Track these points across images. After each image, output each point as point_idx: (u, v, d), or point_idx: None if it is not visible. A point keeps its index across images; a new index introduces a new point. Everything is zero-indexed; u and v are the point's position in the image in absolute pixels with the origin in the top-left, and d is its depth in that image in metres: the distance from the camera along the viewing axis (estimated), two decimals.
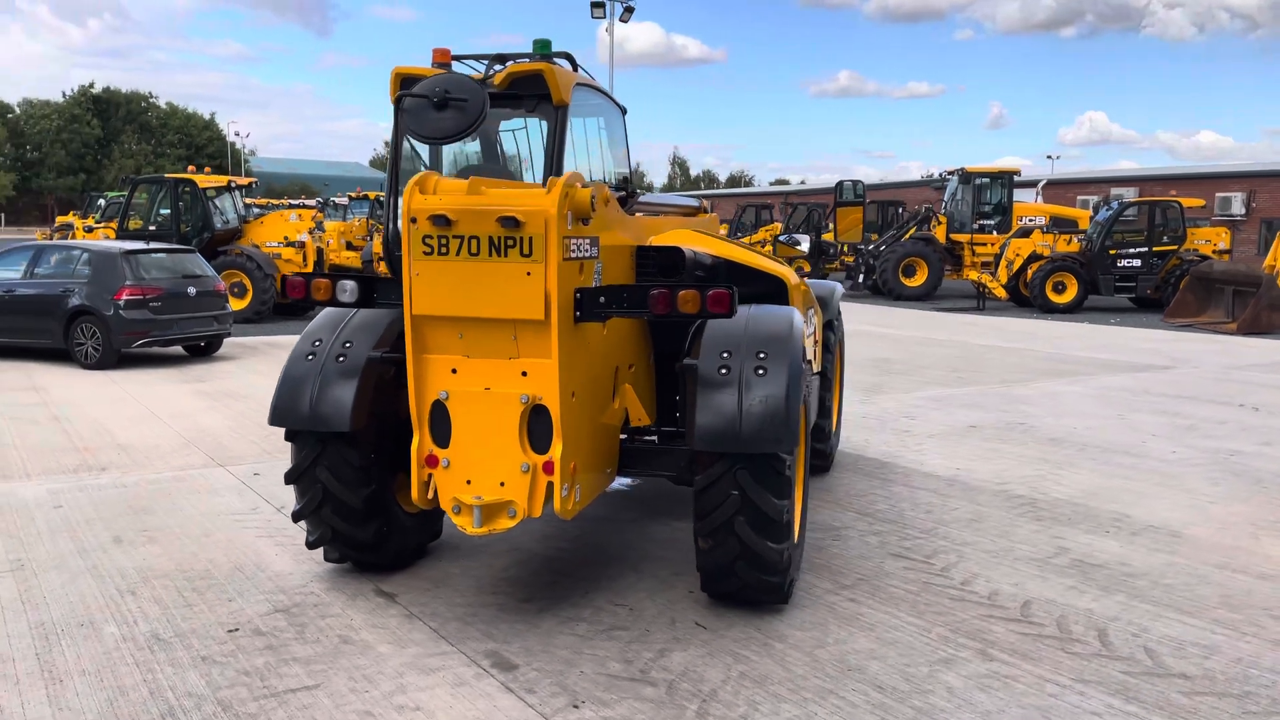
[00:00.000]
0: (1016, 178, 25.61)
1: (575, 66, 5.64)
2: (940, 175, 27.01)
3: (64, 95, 62.72)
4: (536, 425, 4.03)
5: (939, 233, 25.07)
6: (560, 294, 3.86)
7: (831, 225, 8.05)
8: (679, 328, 4.89)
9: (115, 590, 4.70)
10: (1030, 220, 25.05)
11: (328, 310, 4.80)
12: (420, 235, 3.92)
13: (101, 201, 33.27)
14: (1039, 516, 6.08)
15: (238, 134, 58.08)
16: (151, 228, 17.35)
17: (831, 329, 6.80)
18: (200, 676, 3.83)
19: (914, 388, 10.94)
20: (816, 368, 5.99)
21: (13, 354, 12.48)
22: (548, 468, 3.99)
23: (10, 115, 65.66)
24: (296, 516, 4.68)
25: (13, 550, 5.25)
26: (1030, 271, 21.42)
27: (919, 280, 24.18)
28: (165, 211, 17.51)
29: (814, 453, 6.75)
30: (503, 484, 4.02)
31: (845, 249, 27.42)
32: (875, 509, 6.20)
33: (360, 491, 4.55)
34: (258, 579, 4.88)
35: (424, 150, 5.50)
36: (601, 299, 4.04)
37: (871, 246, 25.40)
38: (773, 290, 5.18)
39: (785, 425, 4.12)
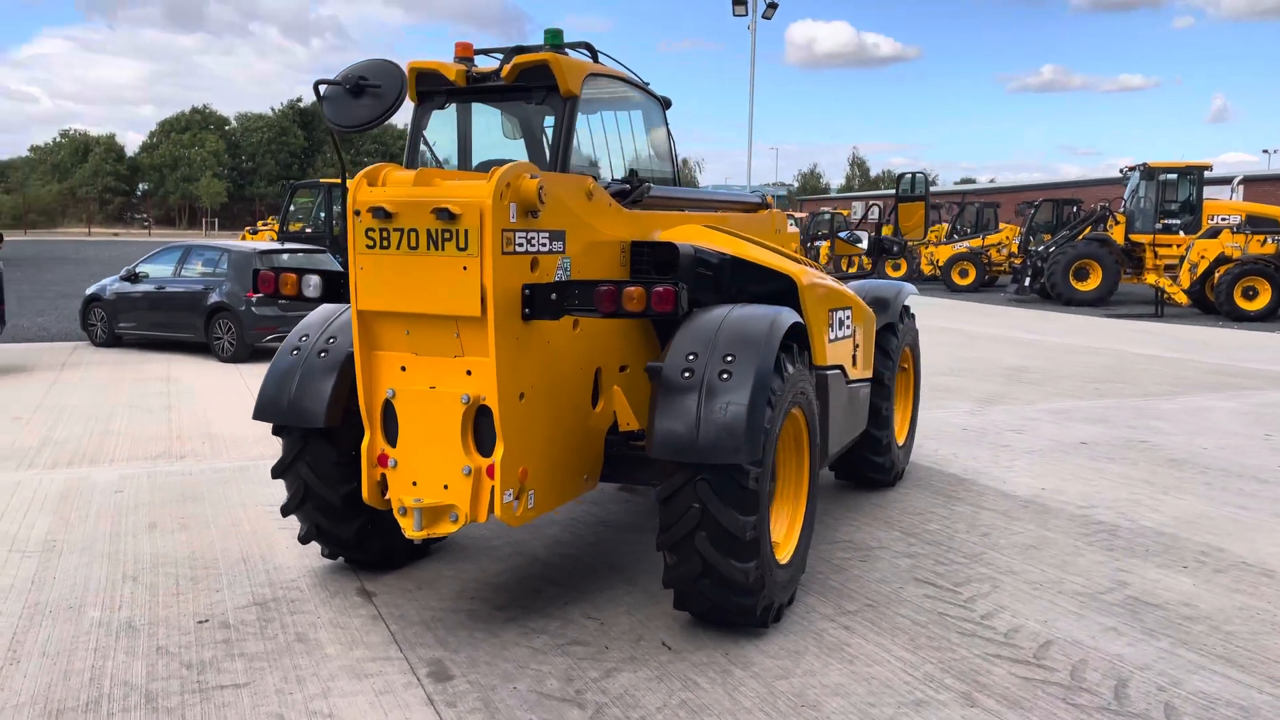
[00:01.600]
0: (1207, 173, 23.54)
1: (595, 56, 5.45)
2: (1121, 171, 25.14)
3: (272, 110, 67.83)
4: (482, 426, 3.86)
5: (1116, 233, 23.35)
6: (500, 290, 3.68)
7: (893, 221, 7.49)
8: None
9: (120, 575, 4.84)
10: (1222, 219, 22.96)
11: (323, 306, 4.79)
12: (363, 228, 3.83)
13: (293, 207, 35.43)
14: (1111, 546, 5.44)
15: (432, 144, 60.53)
16: (309, 229, 18.25)
17: (894, 332, 6.32)
18: (145, 667, 3.86)
19: (1039, 399, 10.14)
20: (856, 373, 5.56)
21: (165, 347, 13.33)
22: (491, 471, 3.81)
23: (228, 128, 71.67)
24: (284, 511, 4.69)
25: (55, 531, 5.51)
26: (1217, 275, 19.64)
27: (1092, 284, 22.60)
28: (323, 214, 18.38)
29: (870, 465, 6.31)
30: (446, 487, 3.87)
31: (1011, 253, 25.98)
32: (924, 529, 5.70)
33: (340, 488, 4.50)
34: (255, 570, 4.92)
35: (445, 147, 5.44)
36: (553, 295, 3.83)
37: (1041, 248, 23.96)
38: (783, 289, 4.82)
39: (746, 434, 3.79)
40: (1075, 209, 27.28)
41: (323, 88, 4.01)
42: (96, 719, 3.46)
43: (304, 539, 4.77)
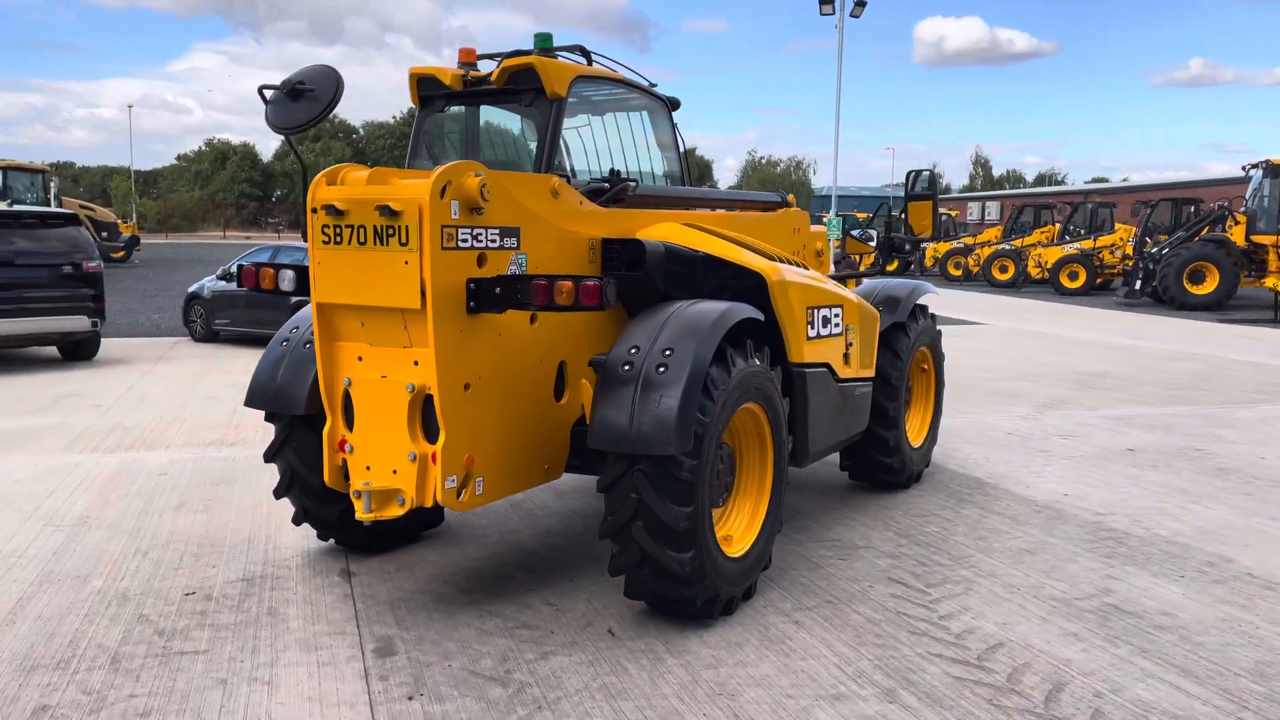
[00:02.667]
0: None
1: (589, 60, 5.58)
2: (1244, 169, 23.86)
3: (393, 118, 70.44)
4: (429, 414, 4.03)
5: (1237, 234, 22.21)
6: (440, 283, 3.84)
7: (903, 220, 7.36)
8: None
9: (133, 550, 5.20)
10: None
11: None
12: (319, 225, 4.05)
13: None
14: (1113, 553, 5.27)
15: None
16: None
17: (904, 332, 6.25)
18: (122, 632, 4.17)
19: (1104, 404, 9.79)
20: (850, 372, 5.53)
21: (257, 343, 14.02)
22: (435, 458, 3.98)
23: (355, 135, 74.65)
24: (276, 494, 4.96)
25: (93, 508, 5.94)
26: None
27: (1208, 287, 21.57)
28: None
29: (878, 466, 6.26)
30: (395, 471, 4.06)
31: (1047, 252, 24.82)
32: (921, 531, 5.64)
33: (322, 473, 4.74)
34: (256, 549, 5.22)
35: (448, 150, 5.65)
36: (497, 290, 3.98)
37: (1155, 250, 22.98)
38: (760, 286, 4.85)
39: (677, 427, 3.87)
40: (1194, 209, 26.04)
41: (268, 93, 4.25)
42: (63, 676, 3.76)
43: (296, 521, 5.03)
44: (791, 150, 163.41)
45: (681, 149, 6.18)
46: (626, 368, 4.05)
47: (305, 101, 4.10)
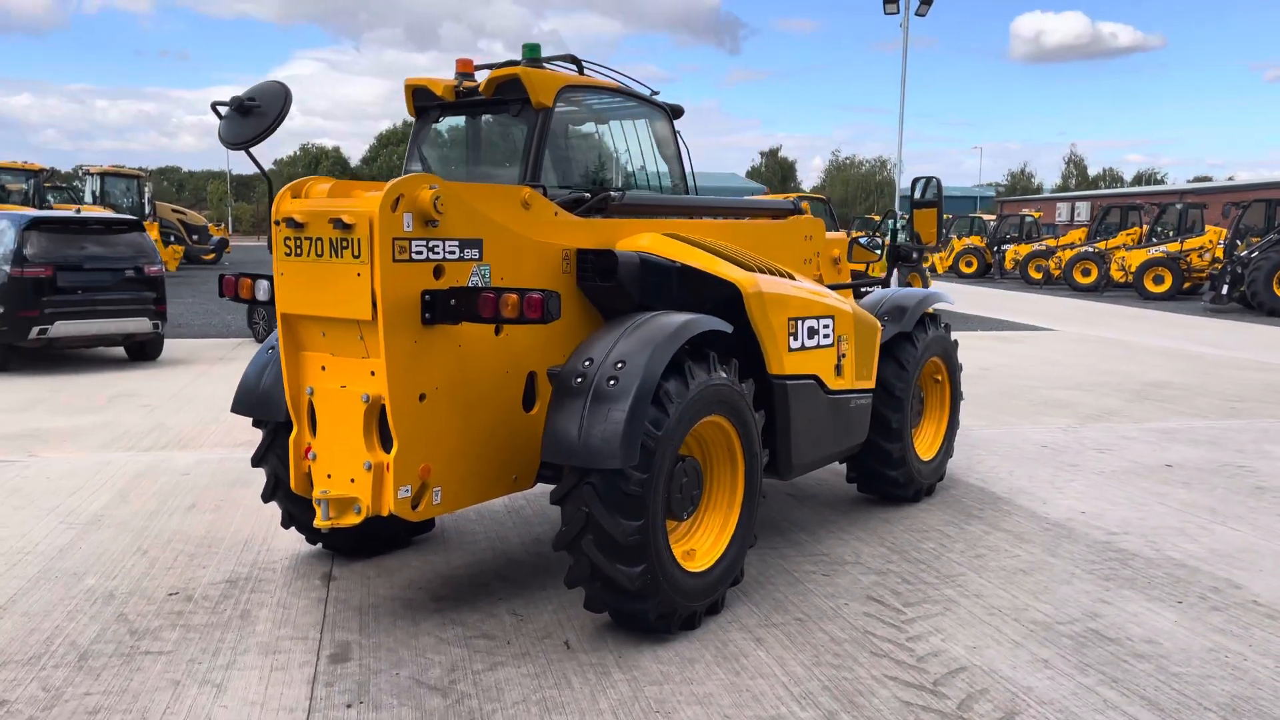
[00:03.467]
0: None
1: (580, 69, 5.59)
2: None
3: None
4: (385, 424, 4.08)
5: None
6: (391, 295, 3.89)
7: (909, 227, 7.19)
8: None
9: (134, 549, 5.37)
10: None
11: None
12: (282, 237, 4.14)
13: None
14: (1113, 575, 5.08)
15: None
16: None
17: (911, 342, 6.11)
18: (97, 630, 4.31)
19: (1154, 417, 9.43)
20: (842, 384, 5.42)
21: None
22: (389, 467, 4.03)
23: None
24: (264, 498, 5.07)
25: (110, 507, 6.16)
26: None
27: None
28: None
29: (883, 480, 6.13)
30: (353, 480, 4.12)
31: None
32: (917, 547, 5.50)
33: None
34: (249, 551, 5.35)
35: (442, 160, 5.72)
36: (452, 301, 4.01)
37: (1245, 253, 22.04)
38: (734, 297, 4.80)
39: (623, 440, 3.84)
40: None
41: (221, 109, 4.35)
42: (29, 672, 3.91)
43: (285, 524, 5.14)
44: (882, 150, 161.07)
45: (684, 156, 6.14)
46: (578, 380, 4.04)
47: (254, 118, 4.18)
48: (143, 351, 12.68)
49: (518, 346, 4.47)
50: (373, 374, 4.05)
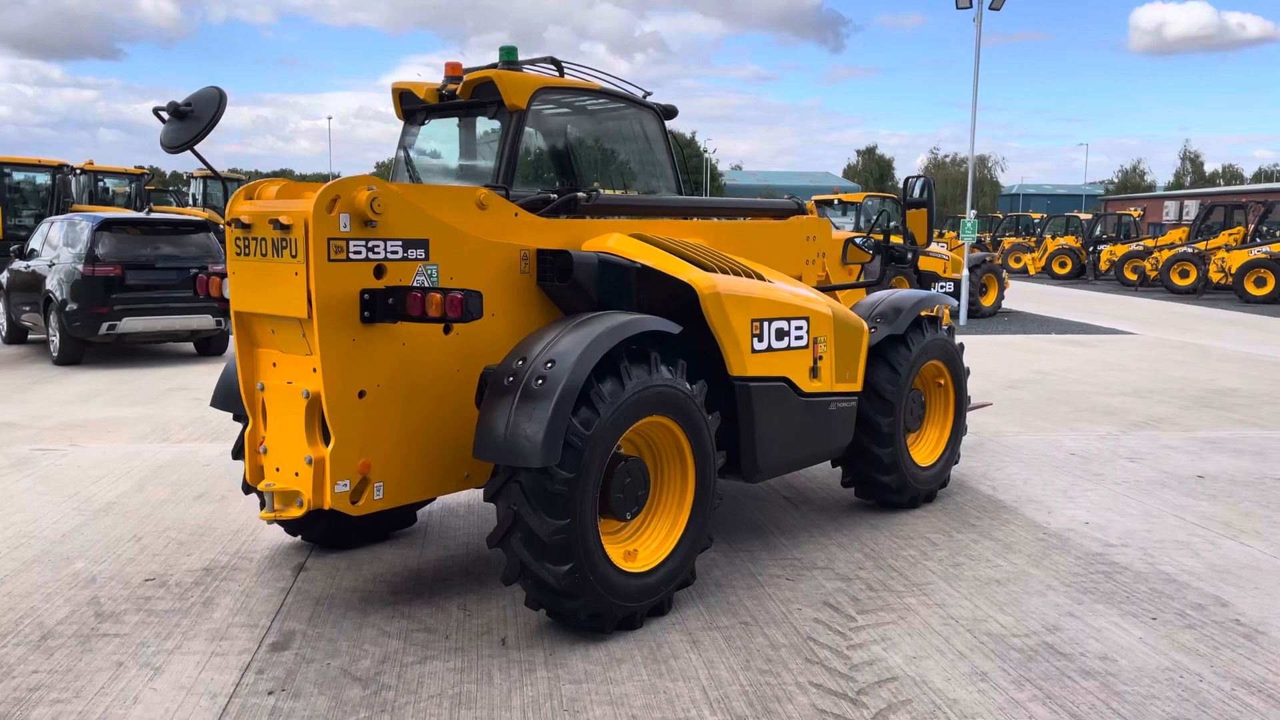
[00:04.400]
0: None
1: (561, 71, 5.63)
2: None
3: None
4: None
5: None
6: (326, 294, 3.98)
7: (901, 227, 7.00)
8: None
9: (131, 536, 5.61)
10: None
11: None
12: (233, 237, 4.28)
13: None
14: (1092, 589, 4.89)
15: (713, 150, 62.71)
16: None
17: (905, 344, 5.97)
18: (67, 612, 4.52)
19: (1206, 425, 9.02)
20: (819, 386, 5.34)
21: None
22: (326, 462, 4.12)
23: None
24: (245, 490, 5.24)
25: (125, 495, 6.44)
26: None
27: None
28: None
29: (875, 485, 6.02)
30: (296, 474, 4.23)
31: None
32: (894, 554, 5.38)
33: None
34: (236, 540, 5.53)
35: (428, 163, 5.82)
36: (390, 300, 4.09)
37: None
38: (692, 299, 4.77)
39: (545, 439, 3.86)
40: None
41: (163, 114, 4.49)
42: None
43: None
44: (987, 147, 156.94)
45: (675, 157, 6.13)
46: (509, 379, 4.08)
47: (189, 121, 4.33)
48: (208, 346, 13.21)
49: (471, 345, 4.52)
50: (315, 370, 4.15)
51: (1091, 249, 34.22)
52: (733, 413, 4.93)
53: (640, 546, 4.47)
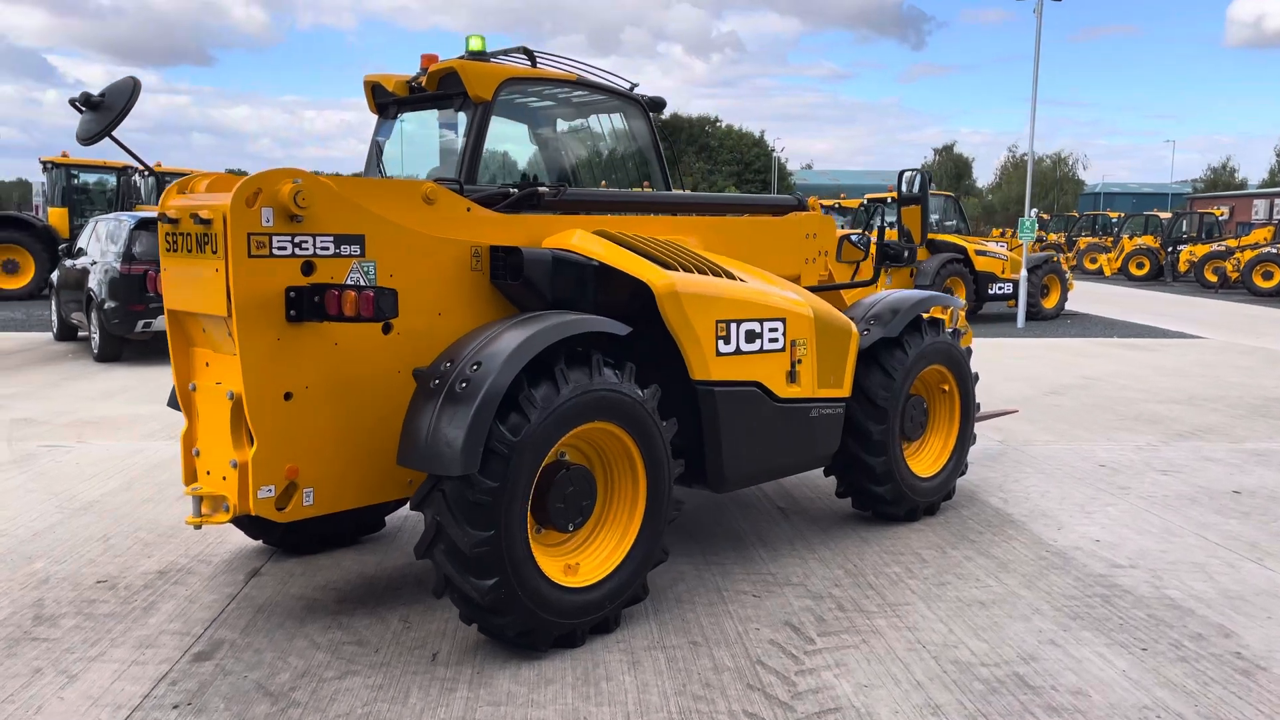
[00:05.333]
0: None
1: (533, 62, 5.43)
2: None
3: None
4: None
5: None
6: (246, 291, 3.83)
7: (895, 224, 6.64)
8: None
9: (100, 536, 5.54)
10: None
11: None
12: (163, 233, 4.15)
13: None
14: (1083, 614, 4.52)
15: (781, 149, 61.77)
16: None
17: (901, 347, 5.62)
18: (9, 614, 4.44)
19: (1257, 436, 8.46)
20: (797, 391, 5.04)
21: None
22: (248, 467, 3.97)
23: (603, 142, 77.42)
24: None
25: (109, 494, 6.39)
26: None
27: None
28: None
29: (869, 496, 5.70)
30: (224, 478, 4.09)
31: None
32: (877, 570, 5.06)
33: None
34: (202, 543, 5.42)
35: (400, 156, 5.67)
36: (316, 298, 3.92)
37: None
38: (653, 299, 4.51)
39: (464, 446, 3.65)
40: None
41: (79, 106, 4.37)
42: None
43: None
44: (1071, 145, 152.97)
45: (660, 150, 5.88)
46: (435, 382, 3.88)
47: (102, 112, 4.20)
48: None
49: (413, 345, 4.33)
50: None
51: (1171, 249, 32.94)
52: (695, 419, 4.66)
53: (584, 560, 4.23)
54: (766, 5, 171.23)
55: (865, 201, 19.71)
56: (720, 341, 4.67)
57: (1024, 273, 17.94)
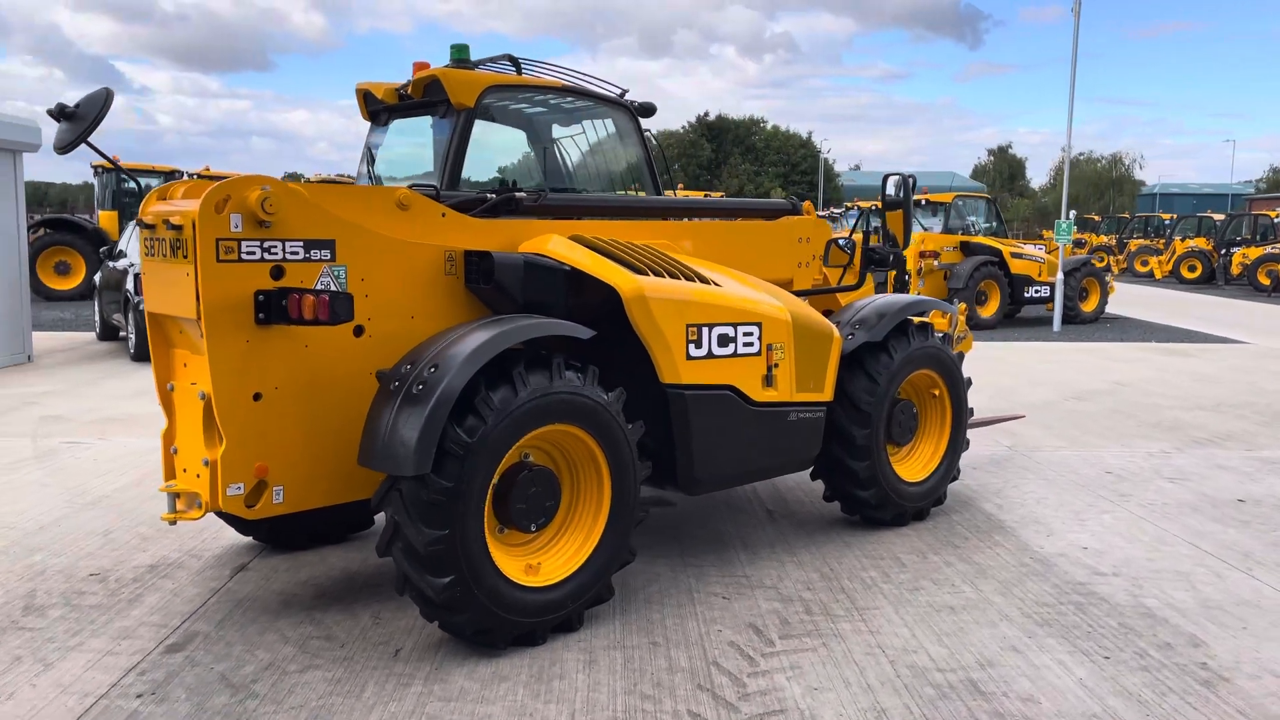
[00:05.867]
0: None
1: (519, 69, 5.51)
2: None
3: (683, 126, 72.27)
4: None
5: None
6: (214, 295, 3.95)
7: (881, 229, 6.58)
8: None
9: (102, 530, 5.72)
10: None
11: None
12: (142, 239, 4.30)
13: None
14: (1053, 620, 4.49)
15: (828, 150, 61.43)
16: None
17: (886, 351, 5.61)
18: (2, 604, 4.62)
19: (1275, 444, 8.28)
20: (775, 395, 5.06)
21: None
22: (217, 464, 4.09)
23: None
24: None
25: (119, 490, 6.59)
26: None
27: None
28: None
29: (854, 501, 5.70)
30: (198, 476, 4.22)
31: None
32: (853, 575, 5.06)
33: None
34: (198, 538, 5.58)
35: (386, 160, 5.77)
36: (283, 302, 4.03)
37: None
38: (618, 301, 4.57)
39: (417, 446, 3.74)
40: None
41: (55, 116, 4.52)
42: None
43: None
44: (1131, 144, 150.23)
45: (650, 156, 5.93)
46: (395, 384, 3.97)
47: (76, 122, 4.35)
48: None
49: (385, 348, 4.43)
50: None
51: (1224, 251, 32.21)
52: (665, 422, 4.71)
53: (546, 560, 4.30)
54: (820, 5, 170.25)
55: (955, 200, 19.45)
56: (691, 345, 4.71)
57: (1060, 275, 17.69)
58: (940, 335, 6.04)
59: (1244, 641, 4.30)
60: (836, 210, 28.91)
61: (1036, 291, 18.61)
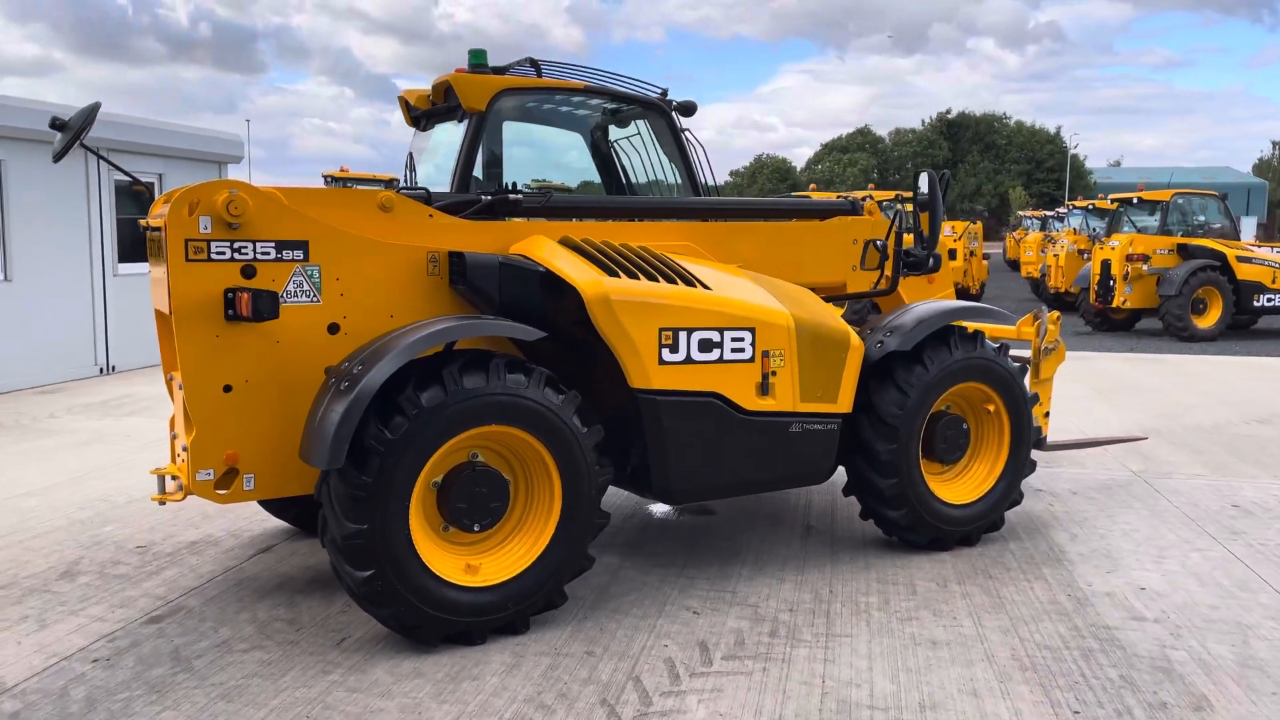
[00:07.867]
0: None
1: (539, 72, 5.53)
2: None
3: (922, 123, 69.71)
4: None
5: None
6: (183, 293, 4.20)
7: (915, 229, 5.89)
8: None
9: (177, 508, 6.20)
10: None
11: None
12: (148, 240, 4.65)
13: None
14: (1041, 666, 4.03)
15: (1076, 145, 57.46)
16: None
17: (921, 363, 5.21)
18: (45, 567, 5.12)
19: None
20: (770, 404, 4.81)
21: None
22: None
23: (880, 145, 75.54)
24: None
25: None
26: None
27: None
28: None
29: (883, 520, 5.35)
30: (179, 460, 4.51)
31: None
32: (848, 599, 4.73)
33: None
34: (248, 520, 5.96)
35: (429, 164, 5.95)
36: (232, 298, 4.25)
37: None
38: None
39: (332, 442, 3.83)
40: None
41: (54, 128, 4.85)
42: None
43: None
44: None
45: (687, 155, 5.79)
46: (332, 381, 4.09)
47: (66, 132, 4.68)
48: None
49: (361, 344, 4.56)
50: None
51: None
52: (637, 428, 4.59)
53: (488, 561, 4.29)
54: None
55: (1174, 198, 17.85)
56: (665, 350, 4.56)
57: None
58: (996, 345, 5.53)
59: (1264, 709, 3.68)
60: (1047, 213, 27.11)
61: (1269, 300, 16.71)
